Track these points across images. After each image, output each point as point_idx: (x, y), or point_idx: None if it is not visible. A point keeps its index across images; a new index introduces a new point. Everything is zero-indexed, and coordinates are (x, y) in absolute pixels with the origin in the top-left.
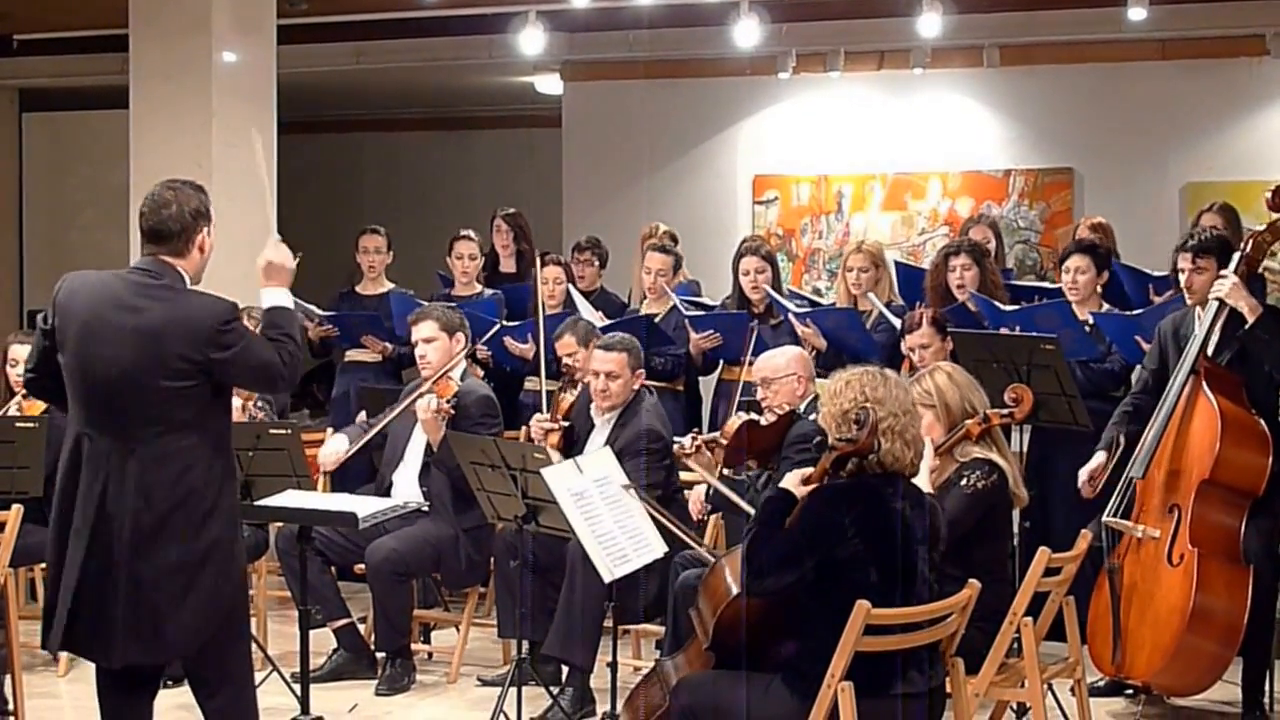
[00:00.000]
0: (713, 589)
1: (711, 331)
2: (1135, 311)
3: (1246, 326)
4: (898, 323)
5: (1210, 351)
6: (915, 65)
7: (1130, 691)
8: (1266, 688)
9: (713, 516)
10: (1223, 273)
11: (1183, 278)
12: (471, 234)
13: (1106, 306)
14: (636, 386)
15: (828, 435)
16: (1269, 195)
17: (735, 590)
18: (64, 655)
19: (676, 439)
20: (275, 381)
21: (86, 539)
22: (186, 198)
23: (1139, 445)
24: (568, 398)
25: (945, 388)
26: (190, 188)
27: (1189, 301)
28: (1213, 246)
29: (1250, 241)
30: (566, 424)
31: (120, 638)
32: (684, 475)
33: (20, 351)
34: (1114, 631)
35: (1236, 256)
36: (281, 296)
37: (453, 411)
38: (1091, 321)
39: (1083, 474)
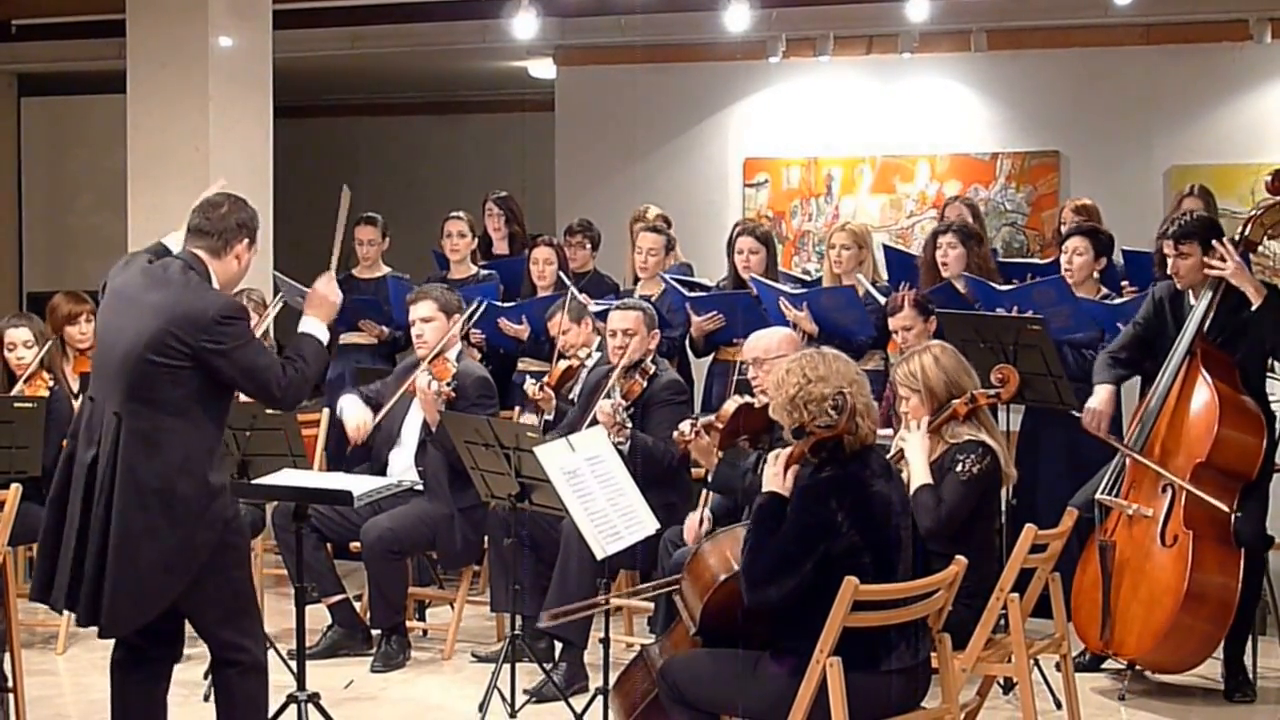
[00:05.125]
0: (698, 575)
1: (714, 312)
2: (1122, 300)
3: (1254, 308)
4: (884, 300)
5: (1205, 330)
6: (903, 50)
7: (1115, 666)
8: (1248, 661)
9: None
10: (1224, 254)
11: (1169, 264)
12: (460, 214)
13: (1104, 291)
14: (652, 346)
15: (785, 426)
16: (1268, 179)
17: (722, 576)
18: (62, 633)
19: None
20: (269, 389)
21: (80, 500)
22: (237, 208)
23: (1138, 425)
24: (560, 366)
25: (930, 370)
26: (245, 204)
27: (1179, 286)
28: (1194, 230)
29: (1250, 224)
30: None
31: (83, 601)
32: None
33: (16, 335)
34: (1104, 609)
35: (1236, 238)
36: (314, 326)
37: (454, 395)
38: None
39: (1087, 413)
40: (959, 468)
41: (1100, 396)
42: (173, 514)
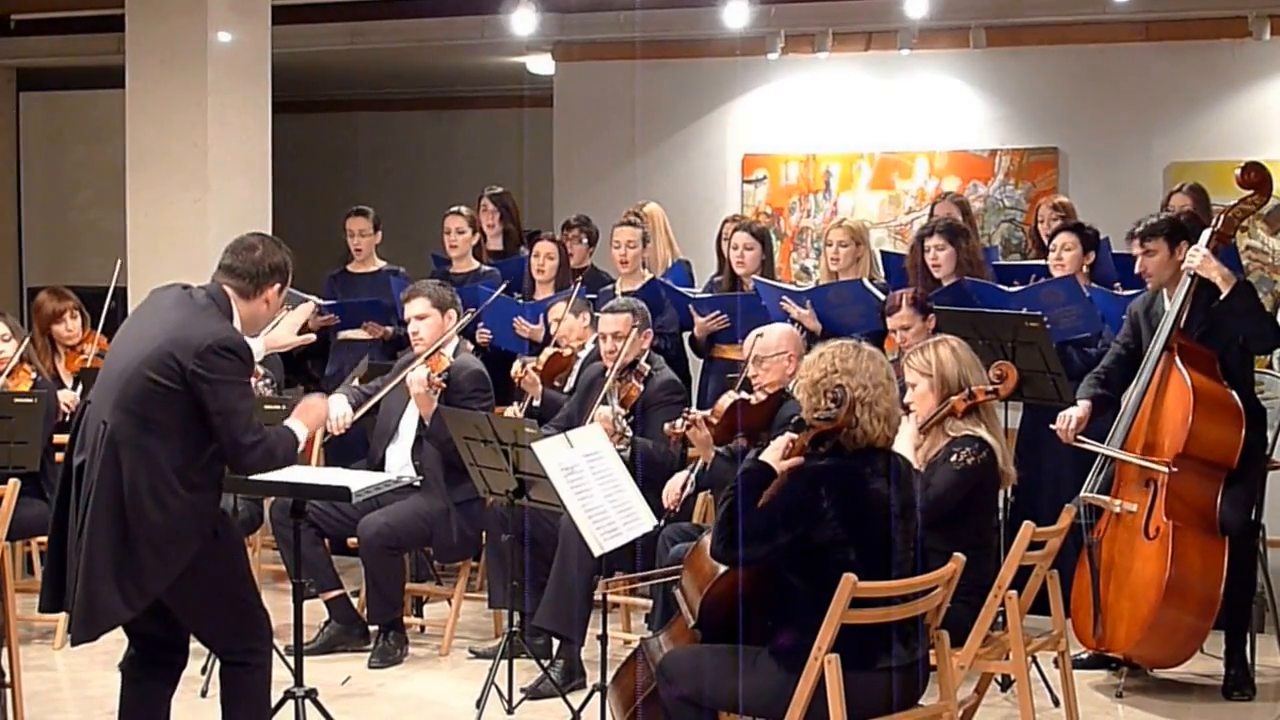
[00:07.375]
0: (697, 567)
1: (718, 313)
2: (1130, 292)
3: (1222, 297)
4: (882, 298)
5: (1181, 325)
6: (902, 46)
7: (1113, 664)
8: (1248, 658)
9: (701, 494)
10: (1195, 247)
11: (1137, 264)
12: (461, 209)
13: (1095, 286)
14: (645, 346)
15: (803, 409)
16: (1238, 173)
17: (722, 569)
18: (60, 629)
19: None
20: (237, 436)
21: (72, 503)
22: (271, 251)
23: (1116, 421)
24: (549, 353)
25: (946, 360)
26: (279, 247)
27: (1149, 286)
28: (1160, 229)
29: (1221, 218)
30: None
31: (71, 609)
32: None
33: None
34: (1094, 605)
35: (1208, 233)
36: (299, 428)
37: (444, 385)
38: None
39: (1061, 419)
40: (953, 458)
41: (1077, 407)
42: (129, 536)
